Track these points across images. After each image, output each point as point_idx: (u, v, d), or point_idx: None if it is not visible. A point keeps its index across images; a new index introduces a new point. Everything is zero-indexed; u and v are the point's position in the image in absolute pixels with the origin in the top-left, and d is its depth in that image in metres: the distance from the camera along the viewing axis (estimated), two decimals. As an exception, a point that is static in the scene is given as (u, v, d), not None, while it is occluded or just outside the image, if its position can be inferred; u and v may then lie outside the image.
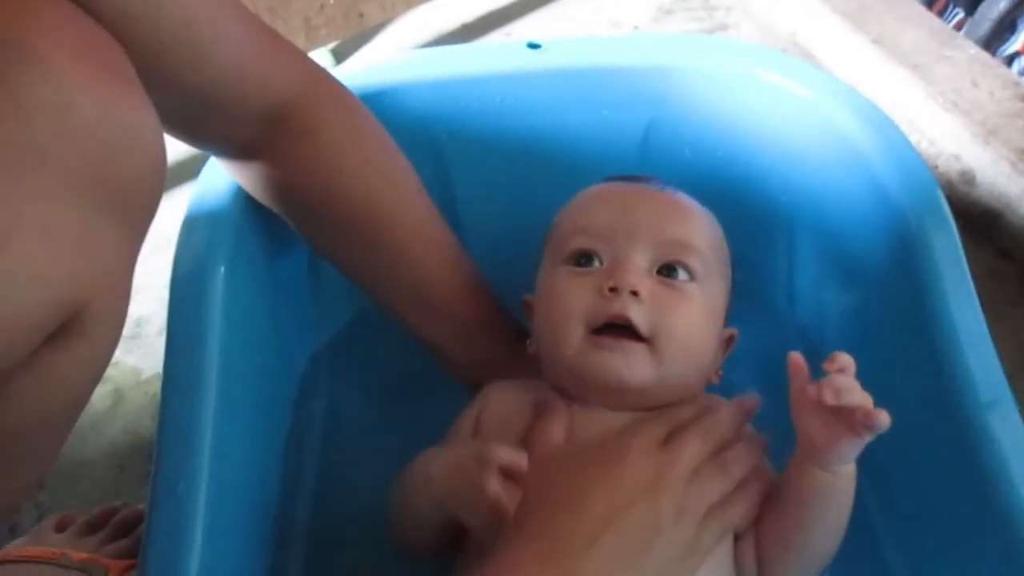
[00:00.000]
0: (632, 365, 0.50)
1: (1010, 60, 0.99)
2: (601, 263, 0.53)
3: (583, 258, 0.54)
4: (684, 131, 0.67)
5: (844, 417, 0.44)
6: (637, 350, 0.50)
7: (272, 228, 0.61)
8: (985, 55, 0.87)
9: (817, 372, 0.46)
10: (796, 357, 0.47)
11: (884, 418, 0.43)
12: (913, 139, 0.85)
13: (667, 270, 0.52)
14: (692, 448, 0.49)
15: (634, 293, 0.50)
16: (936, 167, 0.86)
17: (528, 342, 0.58)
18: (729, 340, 0.56)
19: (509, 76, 0.67)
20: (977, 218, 0.82)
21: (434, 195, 0.61)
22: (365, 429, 0.69)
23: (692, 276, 0.53)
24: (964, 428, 0.48)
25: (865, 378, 0.44)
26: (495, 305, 0.64)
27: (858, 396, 0.44)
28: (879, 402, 0.43)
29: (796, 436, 0.48)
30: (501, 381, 0.59)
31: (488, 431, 0.55)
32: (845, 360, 0.45)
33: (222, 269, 0.55)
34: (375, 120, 0.58)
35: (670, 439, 0.49)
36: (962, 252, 0.54)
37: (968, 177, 0.83)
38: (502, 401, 0.56)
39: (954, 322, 0.51)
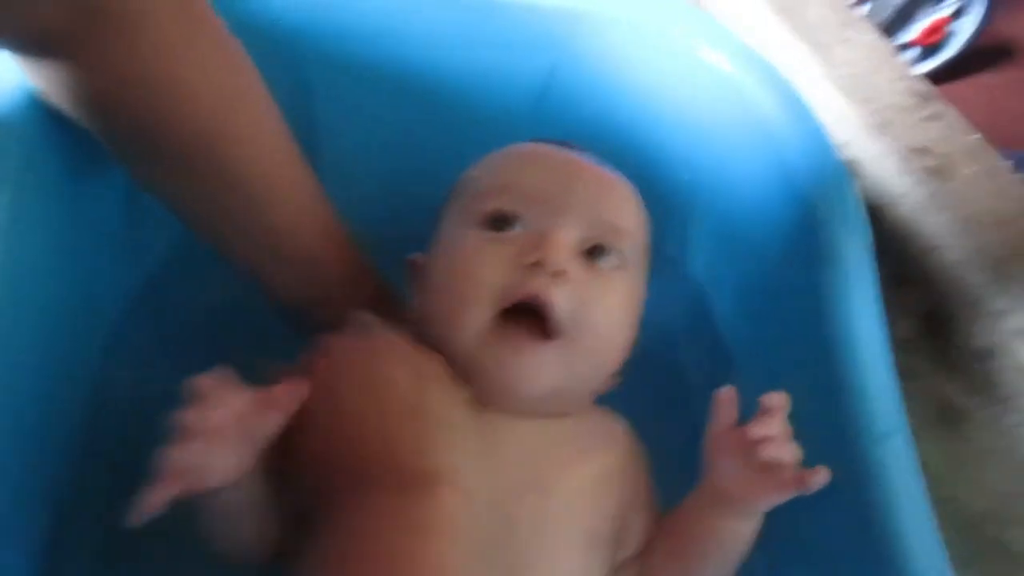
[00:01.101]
0: (540, 372, 0.44)
1: (902, 48, 0.98)
2: (521, 230, 0.46)
3: (501, 221, 0.46)
4: (587, 85, 0.60)
5: (771, 471, 0.40)
6: (547, 352, 0.43)
7: (77, 146, 0.49)
8: (885, 43, 0.84)
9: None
10: (726, 393, 0.42)
11: (821, 478, 0.38)
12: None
13: (596, 253, 0.46)
14: None
15: (558, 273, 0.43)
16: (824, 153, 0.83)
17: (408, 311, 0.50)
18: None
19: (395, -3, 0.56)
20: (854, 210, 0.80)
21: (292, 129, 0.50)
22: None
23: (622, 263, 0.47)
24: (856, 461, 0.45)
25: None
26: (360, 260, 0.55)
27: (792, 450, 0.39)
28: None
29: (704, 475, 0.43)
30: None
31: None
32: (780, 401, 0.40)
33: (7, 196, 0.44)
34: (221, 23, 0.46)
35: None
36: (871, 259, 0.50)
37: (853, 167, 0.81)
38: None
39: (855, 341, 0.48)
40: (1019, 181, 0.73)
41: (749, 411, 0.43)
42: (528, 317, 0.43)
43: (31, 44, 0.43)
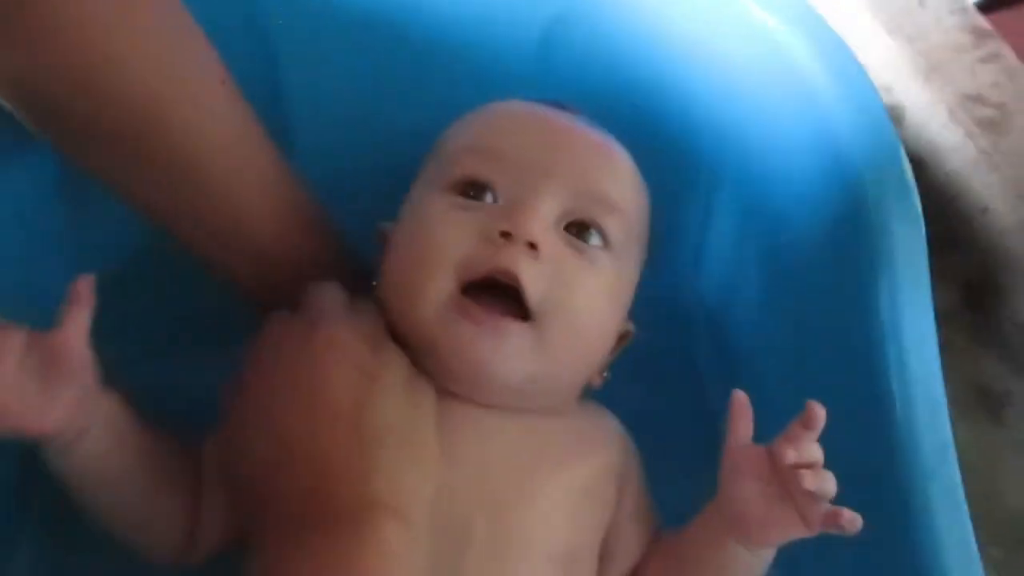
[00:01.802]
0: (507, 354, 0.38)
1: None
2: (495, 200, 0.40)
3: (473, 188, 0.41)
4: (597, 37, 0.52)
5: (800, 502, 0.34)
6: (517, 333, 0.38)
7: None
8: (935, -31, 0.75)
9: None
10: (741, 398, 0.37)
11: (858, 523, 0.33)
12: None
13: (578, 229, 0.41)
14: None
15: (532, 246, 0.38)
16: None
17: (374, 284, 0.44)
18: (623, 337, 0.45)
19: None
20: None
21: (255, 99, 0.44)
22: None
23: (607, 243, 0.41)
24: (896, 498, 0.39)
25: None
26: (335, 243, 0.49)
27: (829, 482, 0.34)
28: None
29: (719, 495, 0.38)
30: None
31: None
32: (817, 417, 0.35)
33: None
34: None
35: None
36: (926, 256, 0.44)
37: (896, 114, 0.73)
38: None
39: (904, 352, 0.41)
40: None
41: (768, 420, 0.38)
42: (498, 296, 0.38)
43: None
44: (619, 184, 0.43)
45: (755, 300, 0.52)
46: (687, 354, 0.56)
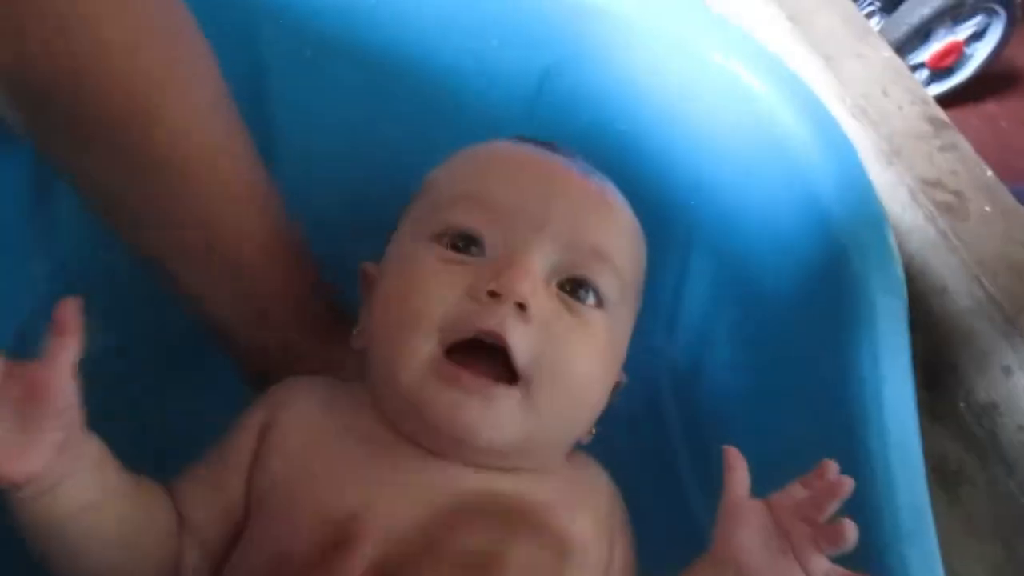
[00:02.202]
0: (495, 419, 0.36)
1: (913, 69, 0.93)
2: (484, 253, 0.39)
3: (462, 240, 0.39)
4: (587, 89, 0.53)
5: (801, 552, 0.34)
6: (505, 396, 0.36)
7: None
8: (899, 61, 0.79)
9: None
10: (734, 452, 0.36)
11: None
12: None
13: (571, 287, 0.39)
14: None
15: (521, 306, 0.36)
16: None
17: (355, 331, 0.42)
18: (615, 388, 0.43)
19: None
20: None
21: (240, 104, 0.43)
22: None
23: (600, 301, 0.39)
24: (875, 560, 0.39)
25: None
26: (309, 274, 0.48)
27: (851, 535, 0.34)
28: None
29: (716, 546, 0.36)
30: (304, 378, 0.43)
31: (285, 458, 0.39)
32: (835, 478, 0.34)
33: None
34: None
35: None
36: (907, 325, 0.44)
37: (858, 195, 0.75)
38: (308, 415, 0.40)
39: (884, 416, 0.41)
40: (1037, 226, 0.68)
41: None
42: (485, 354, 0.37)
43: None
44: (615, 234, 0.41)
45: (727, 362, 0.52)
46: (657, 417, 0.55)
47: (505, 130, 0.49)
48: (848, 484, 0.34)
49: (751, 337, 0.50)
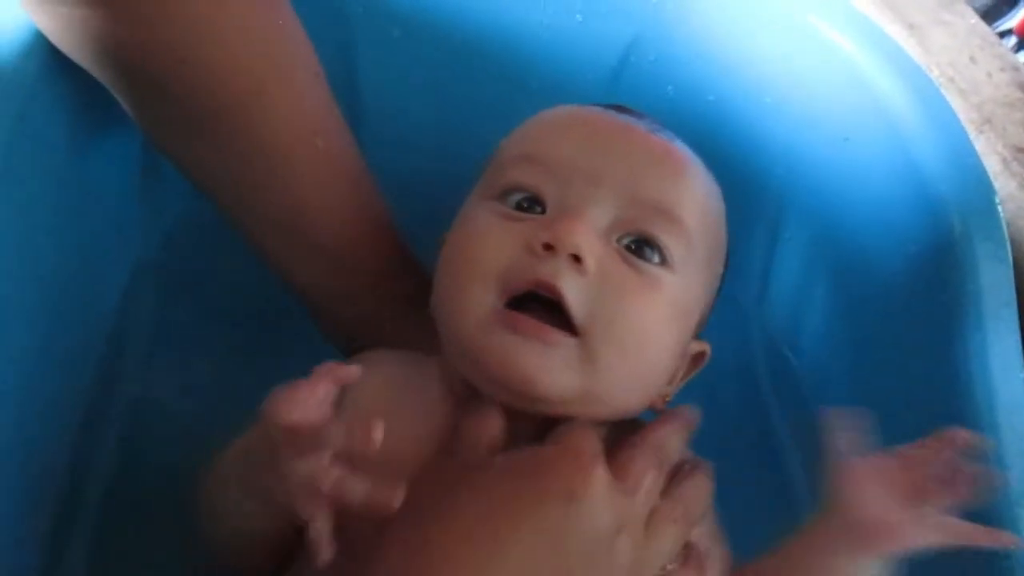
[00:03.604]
0: (550, 367, 0.36)
1: (1001, 36, 0.89)
2: (544, 210, 0.38)
3: (524, 198, 0.38)
4: (672, 61, 0.52)
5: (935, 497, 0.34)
6: (562, 347, 0.36)
7: (83, 98, 0.42)
8: (985, 27, 0.76)
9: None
10: (839, 412, 0.36)
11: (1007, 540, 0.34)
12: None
13: (635, 244, 0.38)
14: (650, 480, 0.36)
15: (576, 258, 0.35)
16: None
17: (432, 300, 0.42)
18: (698, 358, 0.42)
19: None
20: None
21: (330, 83, 0.44)
22: (196, 371, 0.52)
23: (665, 260, 0.38)
24: (989, 524, 0.37)
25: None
26: (400, 251, 0.48)
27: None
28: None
29: (829, 506, 0.36)
30: (385, 350, 0.43)
31: (355, 415, 0.39)
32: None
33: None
34: None
35: (618, 465, 0.36)
36: (1014, 292, 0.42)
37: (945, 166, 0.73)
38: (384, 377, 0.41)
39: (993, 389, 0.40)
40: None
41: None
42: (547, 316, 0.36)
43: None
44: (681, 191, 0.39)
45: (821, 331, 0.51)
46: (751, 382, 0.54)
47: (589, 101, 0.49)
48: (979, 438, 0.34)
49: (848, 307, 0.49)
